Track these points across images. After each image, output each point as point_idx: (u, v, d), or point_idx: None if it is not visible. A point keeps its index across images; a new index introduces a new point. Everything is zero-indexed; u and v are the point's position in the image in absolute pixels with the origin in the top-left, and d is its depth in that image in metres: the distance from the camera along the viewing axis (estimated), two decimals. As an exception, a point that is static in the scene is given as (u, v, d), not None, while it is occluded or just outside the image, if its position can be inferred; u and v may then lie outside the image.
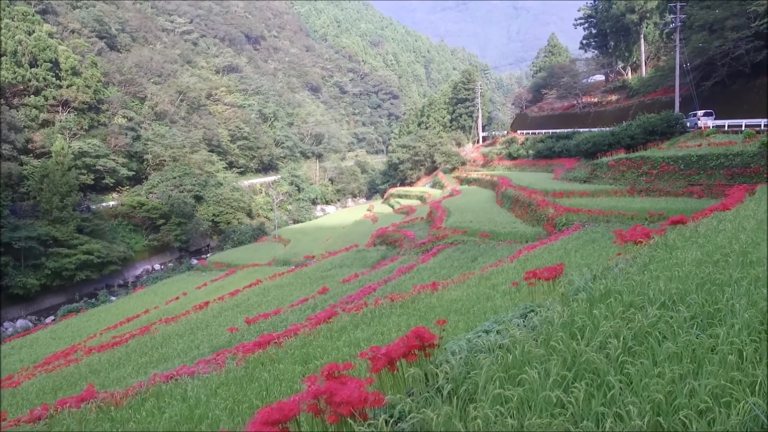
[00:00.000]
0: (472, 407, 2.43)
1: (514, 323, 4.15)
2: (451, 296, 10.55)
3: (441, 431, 2.24)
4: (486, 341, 3.35)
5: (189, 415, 5.80)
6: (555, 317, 3.60)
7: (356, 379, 3.09)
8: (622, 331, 3.25)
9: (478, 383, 2.71)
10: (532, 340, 3.24)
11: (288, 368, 7.18)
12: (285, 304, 18.99)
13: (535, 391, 2.54)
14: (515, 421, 2.29)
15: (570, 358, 2.92)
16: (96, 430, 5.58)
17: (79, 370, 14.54)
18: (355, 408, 2.83)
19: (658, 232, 7.88)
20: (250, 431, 2.64)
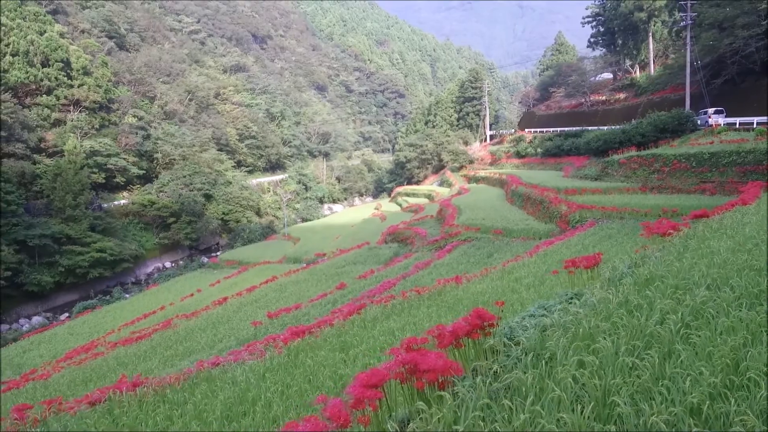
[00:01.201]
0: (557, 370, 2.69)
1: (561, 307, 4.42)
2: (476, 289, 10.81)
3: (536, 389, 2.50)
4: (550, 319, 3.61)
5: (242, 398, 6.09)
6: (611, 297, 3.86)
7: (435, 351, 3.36)
8: (677, 309, 3.51)
9: (554, 352, 2.97)
10: (595, 317, 3.50)
11: (329, 355, 7.47)
12: (303, 299, 19.29)
13: (610, 358, 2.80)
14: (599, 381, 2.55)
15: (635, 331, 3.18)
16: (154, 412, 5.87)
17: (106, 362, 14.87)
18: (439, 375, 3.12)
19: (684, 225, 8.11)
20: (350, 392, 2.91)
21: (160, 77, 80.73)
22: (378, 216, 60.91)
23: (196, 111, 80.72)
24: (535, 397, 2.38)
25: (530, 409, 2.25)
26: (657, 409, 2.19)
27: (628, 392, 2.45)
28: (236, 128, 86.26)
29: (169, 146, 65.56)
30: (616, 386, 2.51)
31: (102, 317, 31.34)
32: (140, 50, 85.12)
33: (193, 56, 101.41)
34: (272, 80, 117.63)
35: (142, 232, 56.05)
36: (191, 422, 5.48)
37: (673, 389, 2.41)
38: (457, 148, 78.22)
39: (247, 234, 60.51)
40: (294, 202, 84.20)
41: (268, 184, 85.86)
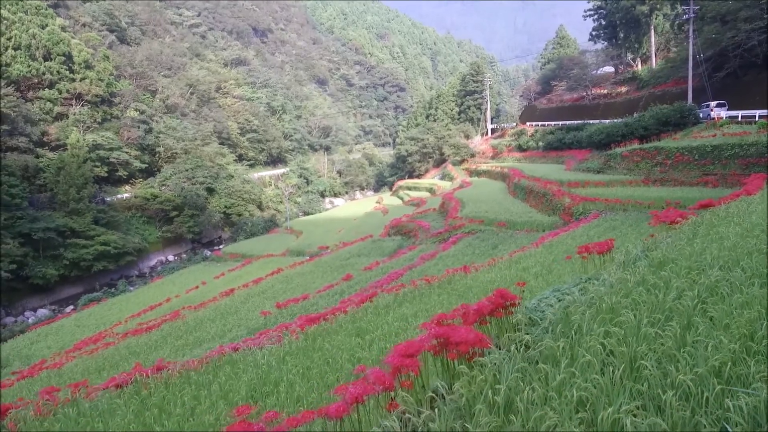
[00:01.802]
0: (585, 339, 2.89)
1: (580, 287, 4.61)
2: (484, 278, 11.00)
3: (567, 355, 2.69)
4: (572, 297, 3.80)
5: (265, 379, 6.30)
6: (628, 277, 4.05)
7: (464, 326, 3.55)
8: (692, 287, 3.71)
9: (580, 324, 3.17)
10: (615, 295, 3.69)
11: (345, 340, 7.68)
12: (310, 290, 19.49)
13: (633, 329, 3.00)
14: (626, 348, 2.74)
15: (654, 307, 3.37)
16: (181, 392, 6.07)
17: (118, 352, 15.09)
18: (470, 347, 3.31)
19: (691, 214, 8.30)
20: (389, 361, 3.10)
21: (162, 71, 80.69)
22: (380, 209, 61.08)
23: (197, 105, 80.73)
24: (567, 362, 2.57)
25: (566, 371, 2.44)
26: (682, 371, 2.38)
27: (653, 358, 2.64)
28: (237, 122, 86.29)
29: (171, 140, 65.64)
30: (642, 353, 2.70)
31: (108, 309, 31.58)
32: (141, 44, 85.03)
33: (194, 50, 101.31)
34: (273, 74, 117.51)
35: (145, 226, 56.23)
36: (218, 402, 5.69)
37: (695, 355, 2.60)
38: (459, 141, 78.24)
39: (249, 227, 60.73)
40: (295, 196, 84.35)
41: (270, 178, 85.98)
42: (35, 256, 41.71)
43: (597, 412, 2.10)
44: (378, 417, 2.64)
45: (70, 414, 5.74)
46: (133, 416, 5.48)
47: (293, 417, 2.73)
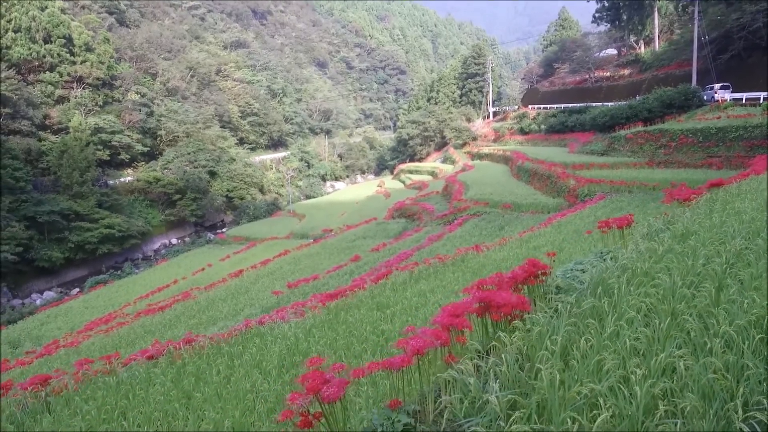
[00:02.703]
0: (627, 299, 3.09)
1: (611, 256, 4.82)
2: (497, 256, 11.22)
3: (612, 312, 2.89)
4: (605, 264, 3.99)
5: (294, 350, 6.53)
6: (656, 246, 4.24)
7: (504, 291, 3.75)
8: (719, 255, 3.90)
9: (618, 287, 3.36)
10: (646, 261, 3.89)
11: (367, 314, 7.91)
12: (318, 271, 19.72)
13: (669, 290, 3.19)
14: (666, 306, 2.94)
15: (686, 271, 3.57)
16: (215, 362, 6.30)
17: (133, 330, 15.36)
18: (513, 309, 3.51)
19: (704, 192, 8.47)
20: (438, 321, 3.29)
21: (162, 53, 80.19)
22: (382, 193, 61.23)
23: (198, 88, 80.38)
24: (615, 318, 2.77)
25: (615, 324, 2.64)
26: (722, 323, 2.58)
27: (692, 314, 2.84)
28: (238, 105, 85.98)
29: (172, 123, 65.51)
30: (680, 310, 2.90)
31: (115, 291, 31.87)
32: (141, 26, 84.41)
33: (194, 32, 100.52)
34: (273, 56, 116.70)
35: (148, 209, 56.37)
36: (252, 370, 5.92)
37: (731, 311, 2.80)
38: (460, 125, 78.10)
39: (252, 211, 60.94)
40: (296, 180, 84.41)
41: (271, 162, 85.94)
42: (40, 239, 41.94)
43: (649, 359, 2.30)
44: (437, 369, 2.84)
45: (110, 382, 5.96)
46: (171, 384, 5.71)
47: (358, 368, 2.92)
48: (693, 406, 1.84)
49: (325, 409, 2.76)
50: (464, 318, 3.33)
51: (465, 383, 2.28)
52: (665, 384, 2.03)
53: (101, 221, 45.76)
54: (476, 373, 2.39)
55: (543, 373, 2.07)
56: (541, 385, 2.10)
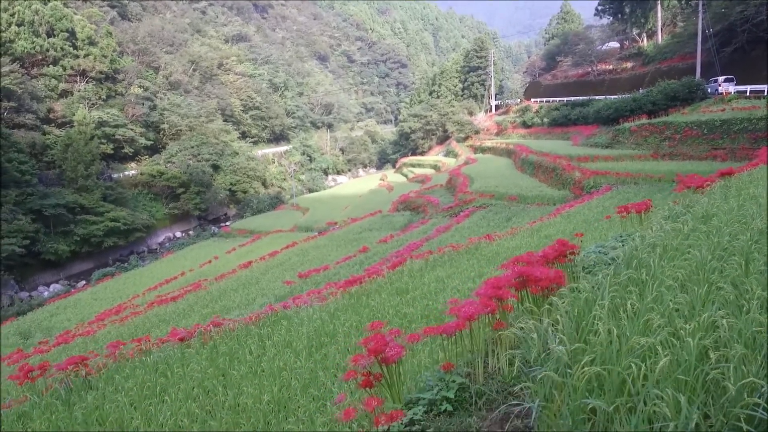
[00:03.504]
0: (661, 271, 3.29)
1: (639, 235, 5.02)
2: (509, 245, 11.42)
3: (650, 281, 3.09)
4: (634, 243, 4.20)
5: (321, 331, 6.75)
6: (681, 226, 4.44)
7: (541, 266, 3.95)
8: (744, 232, 4.10)
9: (651, 262, 3.56)
10: (674, 239, 4.09)
11: (388, 298, 8.13)
12: (327, 262, 19.94)
13: (701, 263, 3.39)
14: (700, 276, 3.15)
15: (714, 247, 3.77)
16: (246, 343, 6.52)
17: (148, 319, 15.60)
18: (550, 283, 3.72)
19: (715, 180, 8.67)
20: (481, 293, 3.50)
21: (164, 47, 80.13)
22: (384, 187, 61.40)
23: (200, 81, 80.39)
24: (657, 285, 2.97)
25: (656, 290, 2.85)
26: (757, 289, 2.78)
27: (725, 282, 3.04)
28: (240, 99, 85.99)
29: (175, 117, 65.62)
30: (714, 280, 3.11)
31: (123, 283, 32.12)
32: (142, 20, 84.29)
33: (195, 26, 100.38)
34: (274, 50, 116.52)
35: (152, 203, 56.60)
36: (284, 350, 6.14)
37: (762, 280, 3.00)
38: (462, 118, 78.17)
39: (256, 204, 61.18)
40: (299, 174, 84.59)
41: (273, 156, 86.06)
42: (46, 232, 42.18)
43: (693, 318, 2.50)
44: (486, 334, 3.05)
45: (147, 361, 6.19)
46: (207, 362, 5.93)
47: (414, 333, 3.13)
48: (741, 354, 2.04)
49: (384, 371, 2.98)
50: (506, 290, 3.54)
51: (526, 340, 2.48)
52: (712, 337, 2.24)
53: (106, 214, 46.00)
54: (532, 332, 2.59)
55: (600, 327, 2.27)
56: (597, 340, 2.31)
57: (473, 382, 3.01)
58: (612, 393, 2.00)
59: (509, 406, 2.60)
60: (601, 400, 1.93)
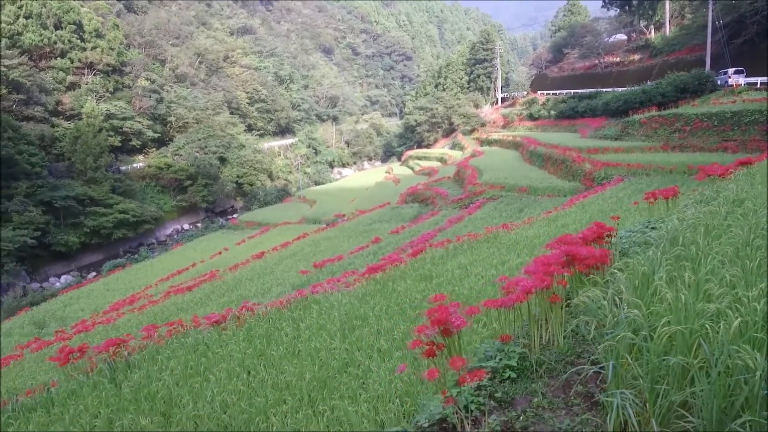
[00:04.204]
0: (710, 247, 3.42)
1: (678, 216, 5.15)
2: (527, 234, 11.53)
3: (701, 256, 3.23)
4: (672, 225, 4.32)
5: (352, 315, 6.90)
6: (718, 209, 4.56)
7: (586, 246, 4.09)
8: (780, 213, 4.22)
9: (695, 240, 3.69)
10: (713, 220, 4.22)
11: (414, 284, 8.27)
12: (339, 252, 20.09)
13: (745, 241, 3.52)
14: (747, 251, 3.27)
15: (754, 226, 3.89)
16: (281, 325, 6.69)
17: (166, 308, 15.81)
18: (596, 261, 3.86)
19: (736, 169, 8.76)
20: (531, 270, 3.63)
21: (170, 40, 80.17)
22: (391, 179, 61.51)
23: (206, 74, 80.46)
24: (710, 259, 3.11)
25: (710, 263, 2.98)
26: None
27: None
28: (246, 92, 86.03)
29: (182, 109, 65.78)
30: (761, 255, 3.24)
31: (134, 274, 32.41)
32: (148, 12, 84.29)
33: (200, 18, 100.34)
34: (279, 43, 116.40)
35: (159, 195, 56.88)
36: (318, 332, 6.29)
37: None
38: (469, 111, 78.06)
39: (263, 196, 61.45)
40: (305, 166, 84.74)
41: (279, 148, 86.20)
42: (57, 223, 42.50)
43: (752, 287, 2.63)
44: (542, 307, 3.19)
45: (186, 342, 6.36)
46: (245, 344, 6.10)
47: (473, 306, 3.27)
48: (808, 316, 2.18)
49: (446, 341, 3.12)
50: (557, 267, 3.68)
51: (593, 307, 2.61)
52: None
53: (115, 206, 46.31)
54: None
55: (668, 295, 2.41)
56: (663, 307, 2.45)
57: (531, 352, 3.16)
58: (685, 352, 2.14)
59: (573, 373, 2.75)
60: (679, 358, 2.07)
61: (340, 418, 4.23)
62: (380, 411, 4.17)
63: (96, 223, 44.50)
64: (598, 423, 2.40)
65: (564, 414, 2.53)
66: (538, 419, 2.50)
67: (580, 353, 3.13)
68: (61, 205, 42.19)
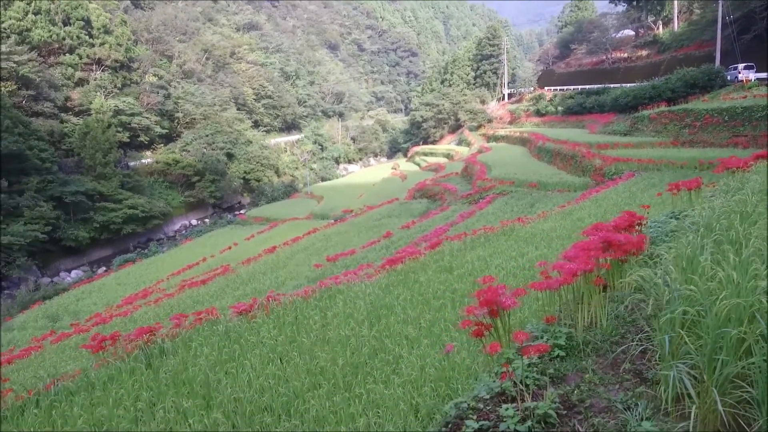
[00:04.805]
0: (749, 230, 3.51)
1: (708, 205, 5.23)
2: (544, 227, 11.62)
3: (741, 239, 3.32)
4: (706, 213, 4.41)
5: (377, 304, 7.01)
6: (749, 198, 4.64)
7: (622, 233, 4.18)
8: (811, 201, 4.30)
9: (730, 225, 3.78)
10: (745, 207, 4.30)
11: (435, 276, 8.38)
12: (351, 247, 20.20)
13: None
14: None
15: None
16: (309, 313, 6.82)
17: (182, 301, 15.97)
18: (633, 247, 3.96)
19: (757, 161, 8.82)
20: (570, 255, 3.73)
21: (177, 36, 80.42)
22: (397, 175, 61.56)
23: (213, 70, 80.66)
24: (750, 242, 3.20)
25: (752, 246, 3.07)
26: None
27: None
28: (252, 88, 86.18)
29: (190, 105, 66.03)
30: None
31: (145, 269, 32.64)
32: (155, 8, 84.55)
33: (207, 14, 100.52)
34: (285, 39, 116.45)
35: (167, 191, 57.19)
36: (347, 320, 6.42)
37: None
38: (475, 107, 78.00)
39: (270, 192, 61.70)
40: (311, 162, 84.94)
41: (285, 144, 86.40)
42: (67, 219, 42.83)
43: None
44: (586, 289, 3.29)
45: (218, 330, 6.50)
46: (276, 331, 6.22)
47: (519, 288, 3.38)
48: None
49: (494, 322, 3.23)
50: (597, 251, 3.78)
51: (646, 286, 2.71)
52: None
53: (125, 202, 46.64)
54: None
55: (720, 273, 2.51)
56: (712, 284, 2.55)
57: (575, 332, 3.27)
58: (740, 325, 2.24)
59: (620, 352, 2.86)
60: (738, 329, 2.17)
61: (376, 400, 4.33)
62: (415, 395, 4.28)
63: (105, 219, 44.83)
64: (653, 395, 2.50)
65: (617, 388, 2.64)
66: (593, 393, 2.61)
67: (623, 334, 3.24)
68: (71, 201, 42.51)
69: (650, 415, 2.33)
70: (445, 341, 5.42)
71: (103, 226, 44.97)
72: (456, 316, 6.23)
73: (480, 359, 4.63)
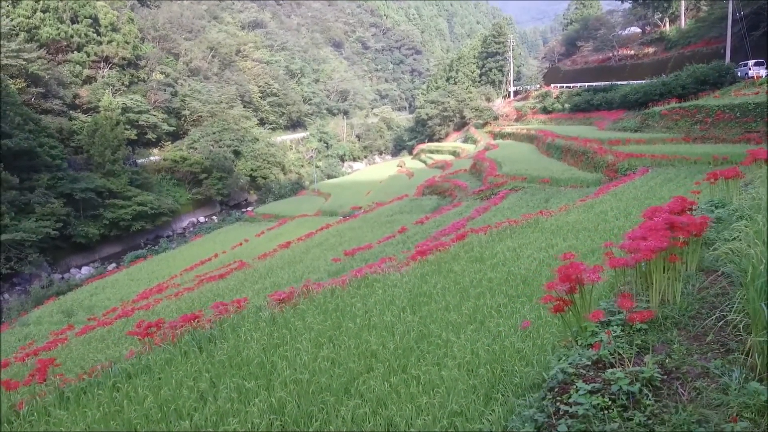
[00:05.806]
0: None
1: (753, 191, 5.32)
2: (567, 219, 11.70)
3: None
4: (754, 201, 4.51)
5: (417, 292, 7.12)
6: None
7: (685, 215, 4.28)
8: None
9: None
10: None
11: (467, 265, 8.48)
12: (365, 242, 20.27)
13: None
14: None
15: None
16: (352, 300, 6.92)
17: (203, 295, 16.07)
18: (696, 228, 4.05)
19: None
20: (635, 236, 3.82)
21: (183, 34, 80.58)
22: (404, 173, 61.65)
23: (219, 68, 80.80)
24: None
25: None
26: None
27: None
28: (258, 85, 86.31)
29: (197, 103, 66.20)
30: None
31: (156, 265, 32.80)
32: (161, 6, 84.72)
33: (212, 12, 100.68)
34: (290, 37, 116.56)
35: (175, 188, 57.38)
36: (389, 306, 6.52)
37: None
38: (481, 104, 77.98)
39: (277, 189, 61.85)
40: (316, 160, 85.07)
41: (290, 142, 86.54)
42: (77, 215, 43.05)
43: None
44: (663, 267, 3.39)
45: (263, 316, 6.61)
46: (322, 317, 6.33)
47: (597, 265, 3.47)
48: None
49: (573, 298, 3.32)
50: (664, 231, 3.87)
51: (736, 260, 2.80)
52: None
53: (134, 199, 46.85)
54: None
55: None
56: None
57: (652, 308, 3.36)
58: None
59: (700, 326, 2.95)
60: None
61: (433, 381, 4.43)
62: (470, 377, 4.38)
63: (115, 215, 45.06)
64: (745, 363, 2.60)
65: (708, 357, 2.73)
66: (685, 361, 2.71)
67: (698, 309, 3.33)
68: (81, 197, 42.72)
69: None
70: (489, 327, 5.53)
71: (113, 223, 45.19)
72: (496, 303, 6.33)
73: (529, 344, 4.74)
